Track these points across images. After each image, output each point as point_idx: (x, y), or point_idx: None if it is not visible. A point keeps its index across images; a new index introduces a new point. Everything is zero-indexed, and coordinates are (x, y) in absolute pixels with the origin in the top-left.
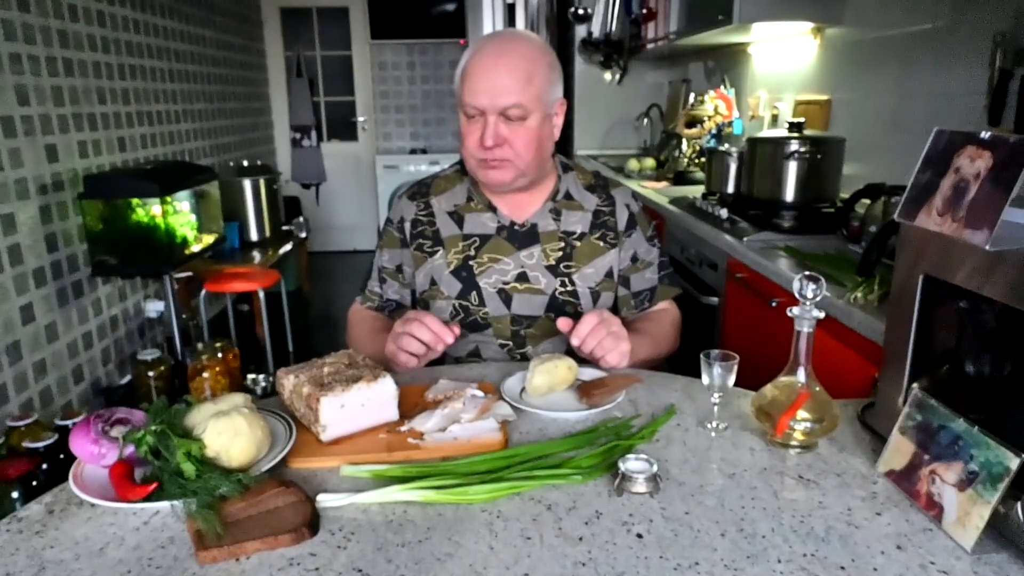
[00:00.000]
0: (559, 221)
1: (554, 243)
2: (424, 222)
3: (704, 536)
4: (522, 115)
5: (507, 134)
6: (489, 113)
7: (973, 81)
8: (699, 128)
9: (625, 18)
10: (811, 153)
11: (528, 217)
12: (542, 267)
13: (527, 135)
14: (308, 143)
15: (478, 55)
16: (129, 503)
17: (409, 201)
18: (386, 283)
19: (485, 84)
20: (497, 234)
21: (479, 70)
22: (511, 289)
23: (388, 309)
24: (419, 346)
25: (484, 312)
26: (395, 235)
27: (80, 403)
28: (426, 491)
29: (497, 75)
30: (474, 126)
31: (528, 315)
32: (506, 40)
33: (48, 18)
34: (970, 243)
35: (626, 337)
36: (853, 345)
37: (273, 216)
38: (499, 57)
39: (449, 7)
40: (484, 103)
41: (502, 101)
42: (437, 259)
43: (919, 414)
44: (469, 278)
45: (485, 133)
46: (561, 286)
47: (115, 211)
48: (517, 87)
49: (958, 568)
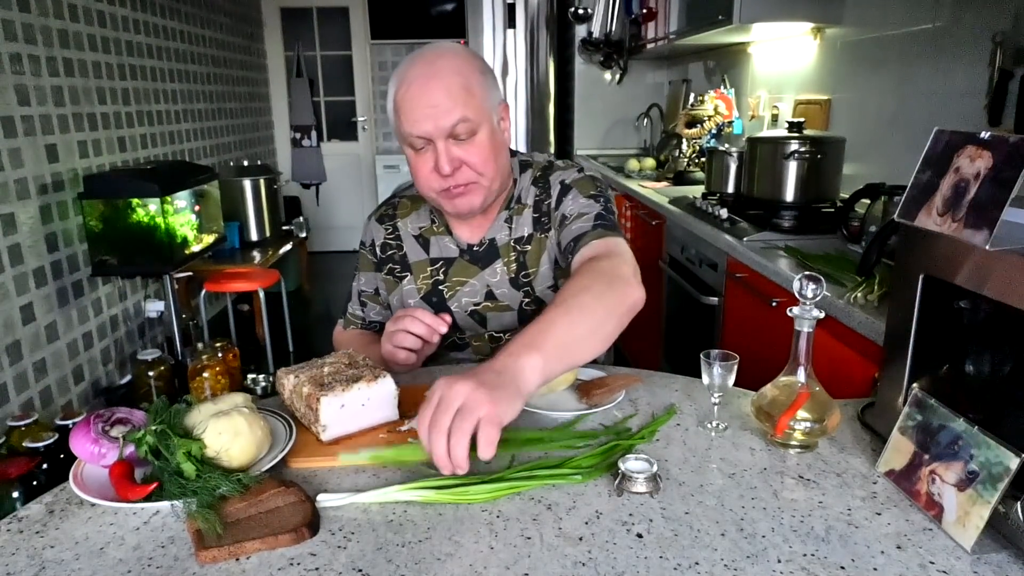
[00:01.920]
0: (512, 229)
1: (510, 255)
2: (393, 246)
3: (704, 536)
4: (471, 129)
5: (461, 155)
6: (437, 139)
7: (973, 81)
8: (699, 128)
9: (625, 18)
10: (811, 153)
11: (484, 234)
12: (506, 282)
13: (482, 150)
14: (308, 143)
15: (406, 83)
16: (129, 503)
17: (378, 224)
18: (367, 306)
19: (423, 110)
20: (460, 257)
21: (413, 97)
22: (483, 309)
23: (372, 331)
24: (415, 340)
25: (460, 335)
26: (368, 258)
27: (80, 403)
28: (426, 491)
29: (433, 96)
30: (424, 157)
31: (504, 329)
32: (430, 59)
33: (48, 18)
34: (970, 243)
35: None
36: (853, 345)
37: (273, 216)
38: (430, 79)
39: (449, 7)
40: (429, 129)
41: (446, 121)
42: (406, 285)
43: (919, 414)
44: (440, 303)
45: (439, 160)
46: (525, 297)
47: (115, 211)
48: (458, 102)
49: (958, 568)
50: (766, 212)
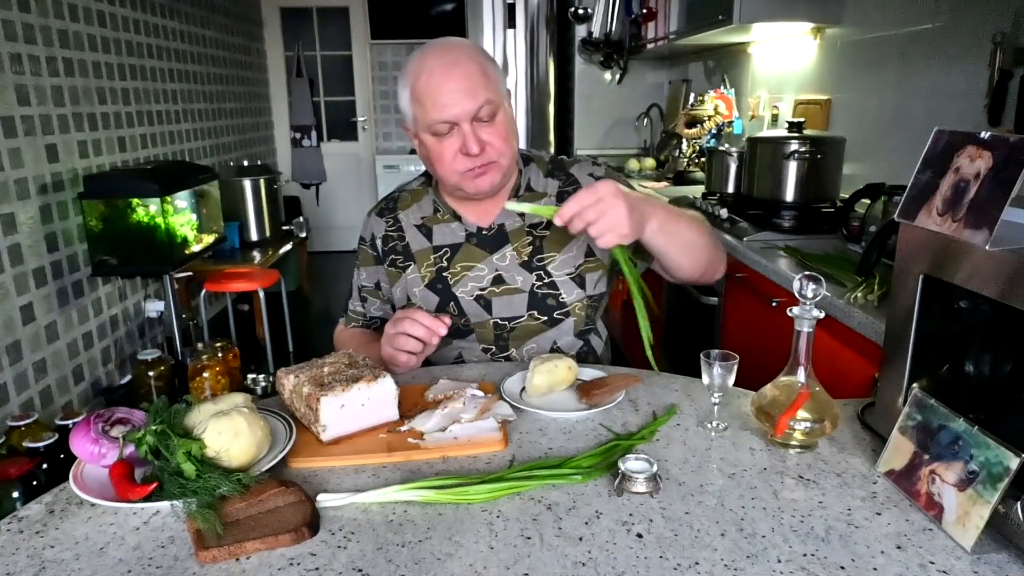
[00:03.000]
0: (524, 216)
1: (523, 239)
2: (394, 238)
3: (704, 536)
4: (492, 111)
5: (485, 136)
6: (463, 121)
7: (973, 81)
8: (699, 128)
9: (625, 18)
10: (811, 153)
11: (493, 220)
12: (516, 266)
13: (501, 130)
14: (308, 143)
15: (425, 73)
16: (129, 503)
17: (378, 218)
18: (367, 301)
19: (450, 95)
20: (467, 241)
21: (436, 84)
22: (489, 294)
23: (373, 327)
24: (415, 343)
25: (464, 320)
26: (369, 253)
27: (80, 403)
28: (426, 491)
29: (457, 81)
30: (449, 141)
31: (510, 316)
32: (443, 50)
33: (48, 18)
34: (970, 243)
35: (631, 206)
36: (853, 345)
37: (273, 216)
38: (451, 66)
39: (449, 7)
40: (456, 112)
41: (472, 104)
42: (410, 274)
43: (919, 414)
44: (445, 290)
45: (467, 142)
46: (538, 280)
47: (115, 211)
48: (479, 85)
49: (958, 568)
50: (766, 212)
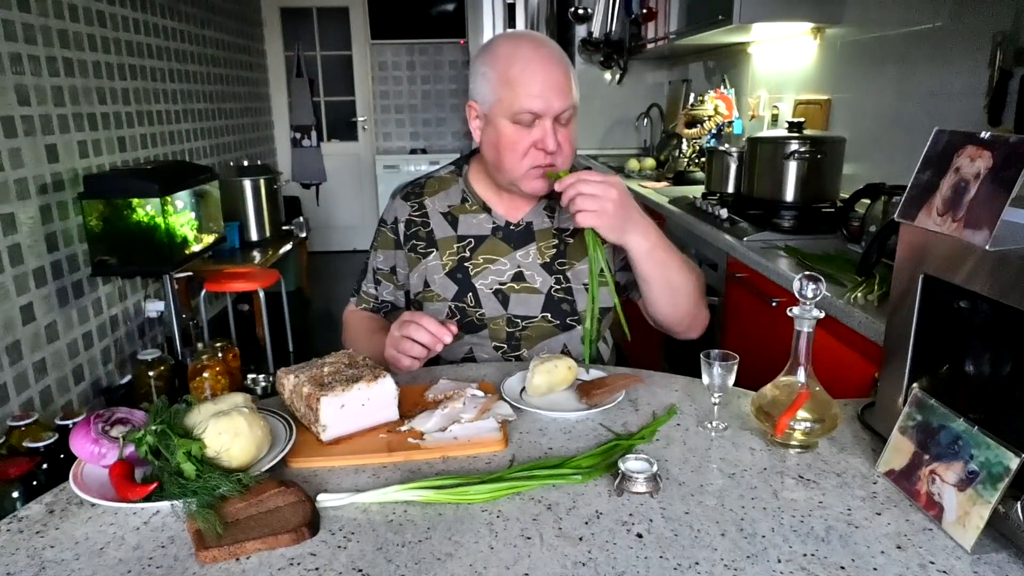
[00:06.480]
0: (553, 218)
1: (548, 240)
2: (418, 223)
3: (704, 536)
4: (571, 117)
5: (560, 138)
6: (546, 117)
7: (973, 81)
8: (699, 128)
9: (625, 18)
10: (811, 153)
11: (523, 216)
12: (537, 265)
13: (571, 137)
14: (308, 143)
15: (522, 60)
16: (129, 503)
17: (403, 201)
18: (381, 284)
19: (546, 88)
20: (492, 235)
21: (535, 73)
22: (508, 289)
23: (383, 311)
24: (420, 349)
25: (480, 313)
26: (389, 236)
27: (80, 403)
28: (426, 491)
29: (557, 77)
30: (527, 132)
31: (525, 315)
32: (539, 43)
33: (48, 18)
34: (970, 243)
35: (626, 206)
36: (853, 345)
37: (273, 216)
38: (549, 61)
39: (449, 7)
40: (545, 106)
41: (561, 103)
42: (431, 260)
43: (919, 414)
44: (465, 280)
45: (547, 138)
46: (556, 283)
47: (115, 211)
48: (569, 89)
49: (958, 568)
50: (766, 212)
